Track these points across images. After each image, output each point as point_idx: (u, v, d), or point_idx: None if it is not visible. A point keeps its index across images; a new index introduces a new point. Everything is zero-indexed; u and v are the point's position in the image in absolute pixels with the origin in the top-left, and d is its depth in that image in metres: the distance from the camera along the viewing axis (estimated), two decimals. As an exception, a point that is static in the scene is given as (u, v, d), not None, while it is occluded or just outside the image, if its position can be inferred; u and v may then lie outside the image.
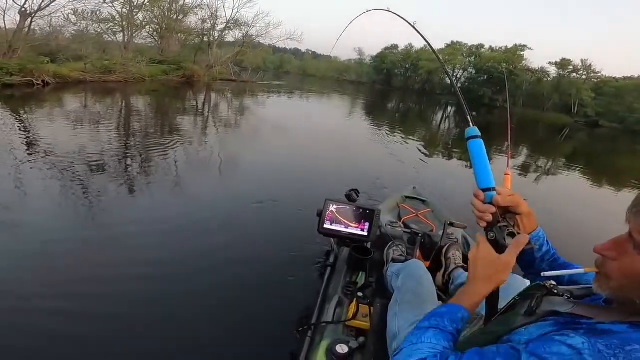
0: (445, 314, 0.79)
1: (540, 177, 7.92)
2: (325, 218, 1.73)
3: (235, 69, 22.54)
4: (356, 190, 1.85)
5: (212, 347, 1.82)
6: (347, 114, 14.83)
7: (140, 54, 16.60)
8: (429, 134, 12.34)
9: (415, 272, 1.39)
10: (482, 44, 41.83)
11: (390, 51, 49.29)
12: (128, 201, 3.48)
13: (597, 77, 35.48)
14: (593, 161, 12.52)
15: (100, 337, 1.78)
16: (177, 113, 9.54)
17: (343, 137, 8.76)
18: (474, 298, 0.82)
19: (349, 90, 31.40)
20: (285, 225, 3.24)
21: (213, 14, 21.50)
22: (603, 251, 0.67)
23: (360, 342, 1.34)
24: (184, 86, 16.24)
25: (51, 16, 13.68)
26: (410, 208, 2.70)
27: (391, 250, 1.81)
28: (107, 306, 1.99)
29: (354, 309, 1.50)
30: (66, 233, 2.70)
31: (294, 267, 2.50)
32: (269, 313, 2.07)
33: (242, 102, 14.39)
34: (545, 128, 23.90)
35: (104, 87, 12.25)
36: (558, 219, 4.53)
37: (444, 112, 24.00)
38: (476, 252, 0.84)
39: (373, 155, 7.18)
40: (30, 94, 9.30)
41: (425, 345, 0.72)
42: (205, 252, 2.64)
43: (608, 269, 0.66)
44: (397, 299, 1.29)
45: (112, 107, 9.52)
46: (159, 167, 4.52)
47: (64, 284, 2.13)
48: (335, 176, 4.96)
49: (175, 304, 2.07)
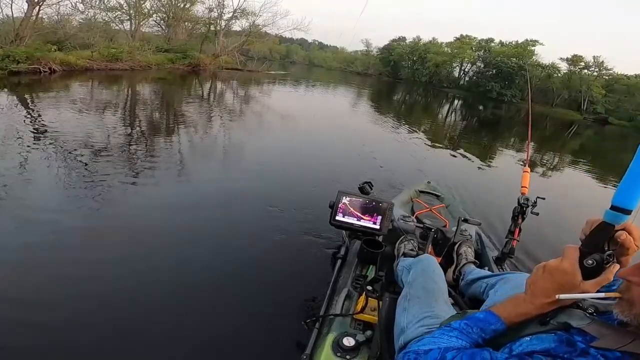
0: (479, 321, 0.78)
1: (547, 173, 7.84)
2: (337, 210, 1.72)
3: (242, 58, 22.43)
4: (369, 182, 1.82)
5: (221, 337, 1.83)
6: (355, 105, 14.75)
7: (147, 43, 16.58)
8: (438, 128, 12.22)
9: (427, 267, 1.37)
10: (492, 38, 41.14)
11: (398, 43, 48.66)
12: (133, 189, 3.48)
13: (609, 75, 34.85)
14: (600, 158, 12.36)
15: (116, 328, 1.79)
16: (183, 100, 9.53)
17: (353, 128, 8.72)
18: (521, 317, 0.75)
19: (355, 81, 31.17)
20: (296, 216, 3.23)
21: (220, 3, 21.39)
22: (628, 276, 0.64)
23: (368, 335, 1.34)
24: (190, 75, 16.21)
25: (59, 4, 13.68)
26: (423, 203, 2.68)
27: (403, 244, 1.79)
28: (119, 297, 2.00)
29: (363, 302, 1.49)
30: (71, 219, 2.71)
31: (304, 259, 2.51)
32: (278, 303, 2.07)
33: (248, 91, 14.34)
34: (553, 124, 23.60)
35: (110, 75, 12.27)
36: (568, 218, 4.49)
37: (451, 106, 23.78)
38: (560, 266, 0.72)
39: (384, 147, 7.12)
40: (37, 81, 9.32)
41: (441, 341, 0.75)
42: (214, 242, 2.65)
43: (632, 295, 0.63)
44: (407, 293, 1.27)
45: (118, 94, 9.53)
46: (165, 156, 4.51)
47: (62, 273, 2.14)
48: (347, 168, 4.94)
49: (185, 293, 2.08)
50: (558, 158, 10.32)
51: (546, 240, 3.31)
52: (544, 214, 1.99)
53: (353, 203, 1.72)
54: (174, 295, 2.07)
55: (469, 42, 41.59)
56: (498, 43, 40.33)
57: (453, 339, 0.75)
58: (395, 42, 49.49)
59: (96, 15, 15.54)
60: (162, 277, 2.20)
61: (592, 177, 8.05)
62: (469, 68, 42.21)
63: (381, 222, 1.74)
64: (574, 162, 9.75)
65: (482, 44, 41.35)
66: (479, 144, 9.84)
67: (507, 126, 17.13)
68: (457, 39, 42.03)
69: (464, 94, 36.33)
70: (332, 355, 1.27)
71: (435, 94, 32.74)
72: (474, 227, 2.18)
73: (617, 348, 0.59)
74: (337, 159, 5.57)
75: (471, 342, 0.75)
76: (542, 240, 3.23)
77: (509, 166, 7.53)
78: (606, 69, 34.94)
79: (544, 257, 0.97)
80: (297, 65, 48.06)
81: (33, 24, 12.25)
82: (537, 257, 2.84)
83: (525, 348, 0.67)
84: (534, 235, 2.90)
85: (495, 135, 12.10)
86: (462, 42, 41.23)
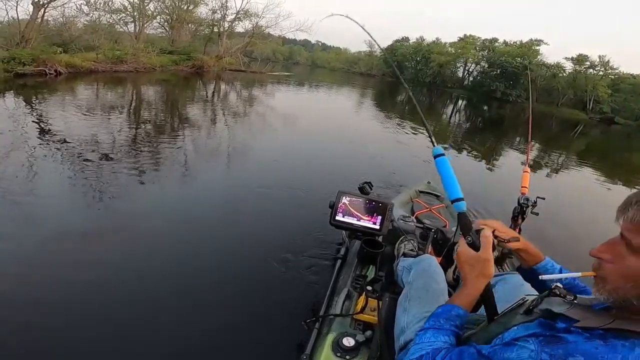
0: (440, 314, 0.87)
1: (551, 174, 7.78)
2: (337, 210, 1.71)
3: (245, 59, 22.51)
4: (369, 182, 1.82)
5: (221, 336, 1.84)
6: (358, 106, 14.75)
7: (151, 44, 16.70)
8: (441, 128, 12.18)
9: (428, 268, 1.37)
10: (496, 38, 40.94)
11: (401, 44, 48.59)
12: (137, 190, 3.50)
13: (615, 74, 34.53)
14: (605, 158, 12.25)
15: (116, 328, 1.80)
16: (187, 102, 9.57)
17: (355, 129, 8.73)
18: (466, 297, 0.89)
19: (358, 82, 31.14)
20: (296, 216, 3.24)
21: (223, 5, 21.45)
22: (599, 254, 0.67)
23: (367, 335, 1.34)
24: (193, 76, 16.31)
25: (64, 7, 13.79)
26: (423, 203, 2.67)
27: (402, 244, 1.78)
28: (119, 297, 2.02)
29: (363, 302, 1.49)
30: (76, 218, 2.74)
31: (304, 259, 2.51)
32: (278, 303, 2.07)
33: (251, 92, 14.39)
34: (559, 123, 23.45)
35: (115, 77, 12.37)
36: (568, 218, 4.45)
37: (455, 106, 23.69)
38: (459, 256, 0.92)
39: (386, 147, 7.12)
40: (43, 82, 9.41)
41: (425, 345, 0.81)
42: (214, 242, 2.66)
43: (604, 272, 0.65)
44: (408, 294, 1.27)
45: (123, 96, 9.60)
46: (169, 157, 4.54)
47: (63, 271, 2.15)
48: (348, 168, 4.94)
49: (185, 293, 2.09)
50: (563, 158, 10.23)
51: (546, 240, 3.28)
52: (544, 214, 1.97)
53: (353, 203, 1.72)
54: (175, 295, 2.08)
55: (473, 42, 41.40)
56: (502, 43, 40.13)
57: (432, 338, 0.83)
58: (399, 42, 49.43)
59: (101, 18, 15.71)
60: (162, 277, 2.22)
61: (596, 177, 7.97)
62: (473, 68, 42.05)
63: (381, 222, 1.73)
64: (579, 162, 9.67)
65: (486, 43, 41.16)
66: (482, 144, 9.80)
67: (511, 126, 17.04)
68: (461, 39, 41.86)
69: (468, 94, 36.14)
70: (332, 356, 1.27)
71: (439, 94, 32.64)
72: None
73: (600, 327, 0.61)
74: (338, 159, 5.58)
75: (448, 333, 0.82)
76: (541, 240, 3.19)
77: (511, 166, 7.48)
78: (612, 68, 34.62)
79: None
80: (300, 66, 48.16)
81: (38, 26, 12.37)
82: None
83: (514, 336, 0.72)
84: (533, 235, 2.87)
85: (498, 135, 12.04)
86: (465, 42, 41.06)
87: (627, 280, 0.61)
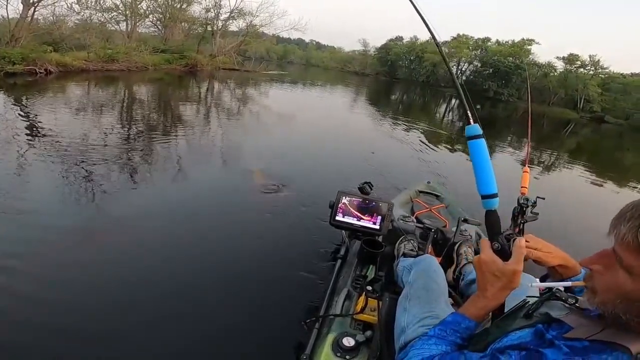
0: (449, 324, 0.84)
1: (544, 172, 7.86)
2: (337, 210, 1.71)
3: (239, 58, 22.41)
4: (369, 182, 1.82)
5: (221, 336, 1.83)
6: (353, 105, 14.74)
7: (143, 43, 16.52)
8: (436, 127, 12.25)
9: (428, 267, 1.37)
10: (489, 37, 41.24)
11: (395, 42, 48.70)
12: (131, 190, 3.47)
13: (605, 73, 35.01)
14: (597, 157, 12.41)
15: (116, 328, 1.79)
16: (181, 101, 9.49)
17: (351, 128, 8.72)
18: (482, 309, 0.83)
19: (353, 80, 31.17)
20: (296, 216, 3.23)
21: (217, 3, 21.36)
22: (590, 265, 0.65)
23: (367, 335, 1.34)
24: (187, 75, 16.18)
25: (54, 5, 13.61)
26: (423, 203, 2.68)
27: (402, 244, 1.79)
28: (119, 297, 2.00)
29: (363, 302, 1.49)
30: (67, 219, 2.70)
31: (304, 259, 2.51)
32: (278, 304, 2.07)
33: (245, 91, 14.32)
34: (550, 122, 23.69)
35: (107, 76, 12.22)
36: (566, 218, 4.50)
37: (448, 105, 23.83)
38: (481, 263, 0.83)
39: (382, 146, 7.12)
40: (33, 82, 9.27)
41: (425, 352, 0.80)
42: (214, 242, 2.65)
43: (594, 283, 0.64)
44: (408, 293, 1.27)
45: (115, 95, 9.48)
46: (163, 157, 4.51)
47: (55, 272, 2.13)
48: (346, 168, 4.94)
49: (185, 293, 2.08)
50: (555, 157, 10.35)
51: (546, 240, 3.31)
52: (543, 214, 1.99)
53: (353, 203, 1.72)
54: (175, 295, 2.07)
55: (466, 41, 41.66)
56: (495, 42, 40.46)
57: (433, 347, 0.81)
58: (393, 41, 49.54)
59: (92, 16, 15.51)
60: (162, 277, 2.20)
61: (589, 175, 8.08)
62: (466, 67, 42.29)
63: (381, 222, 1.74)
64: (571, 161, 9.79)
65: (479, 43, 41.45)
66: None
67: (504, 125, 17.18)
68: (454, 38, 42.11)
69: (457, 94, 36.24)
70: (332, 356, 1.27)
71: (432, 93, 32.79)
72: (474, 228, 2.17)
73: (586, 337, 0.60)
74: (336, 158, 5.58)
75: (450, 344, 0.80)
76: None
77: (507, 166, 7.54)
78: (602, 67, 35.10)
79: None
80: (294, 65, 48.01)
81: (28, 25, 12.19)
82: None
83: (505, 344, 0.70)
84: (533, 235, 2.90)
85: (493, 135, 12.12)
86: (458, 41, 41.30)
87: (616, 295, 0.59)
